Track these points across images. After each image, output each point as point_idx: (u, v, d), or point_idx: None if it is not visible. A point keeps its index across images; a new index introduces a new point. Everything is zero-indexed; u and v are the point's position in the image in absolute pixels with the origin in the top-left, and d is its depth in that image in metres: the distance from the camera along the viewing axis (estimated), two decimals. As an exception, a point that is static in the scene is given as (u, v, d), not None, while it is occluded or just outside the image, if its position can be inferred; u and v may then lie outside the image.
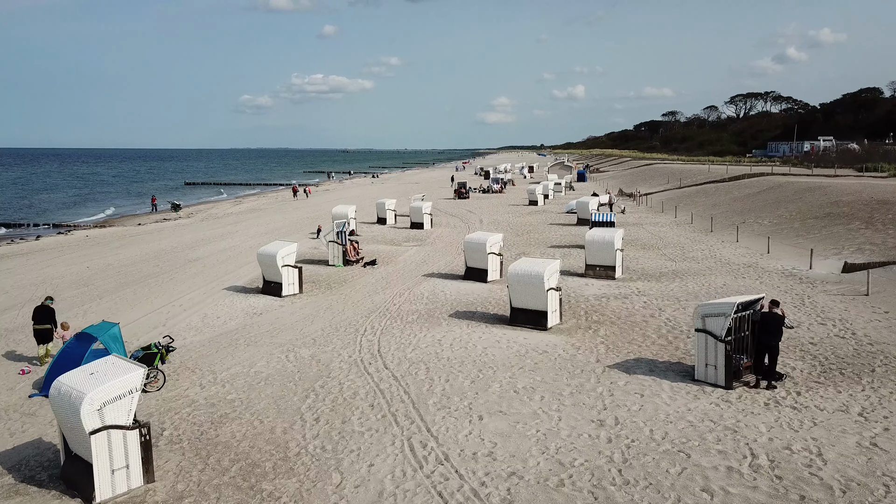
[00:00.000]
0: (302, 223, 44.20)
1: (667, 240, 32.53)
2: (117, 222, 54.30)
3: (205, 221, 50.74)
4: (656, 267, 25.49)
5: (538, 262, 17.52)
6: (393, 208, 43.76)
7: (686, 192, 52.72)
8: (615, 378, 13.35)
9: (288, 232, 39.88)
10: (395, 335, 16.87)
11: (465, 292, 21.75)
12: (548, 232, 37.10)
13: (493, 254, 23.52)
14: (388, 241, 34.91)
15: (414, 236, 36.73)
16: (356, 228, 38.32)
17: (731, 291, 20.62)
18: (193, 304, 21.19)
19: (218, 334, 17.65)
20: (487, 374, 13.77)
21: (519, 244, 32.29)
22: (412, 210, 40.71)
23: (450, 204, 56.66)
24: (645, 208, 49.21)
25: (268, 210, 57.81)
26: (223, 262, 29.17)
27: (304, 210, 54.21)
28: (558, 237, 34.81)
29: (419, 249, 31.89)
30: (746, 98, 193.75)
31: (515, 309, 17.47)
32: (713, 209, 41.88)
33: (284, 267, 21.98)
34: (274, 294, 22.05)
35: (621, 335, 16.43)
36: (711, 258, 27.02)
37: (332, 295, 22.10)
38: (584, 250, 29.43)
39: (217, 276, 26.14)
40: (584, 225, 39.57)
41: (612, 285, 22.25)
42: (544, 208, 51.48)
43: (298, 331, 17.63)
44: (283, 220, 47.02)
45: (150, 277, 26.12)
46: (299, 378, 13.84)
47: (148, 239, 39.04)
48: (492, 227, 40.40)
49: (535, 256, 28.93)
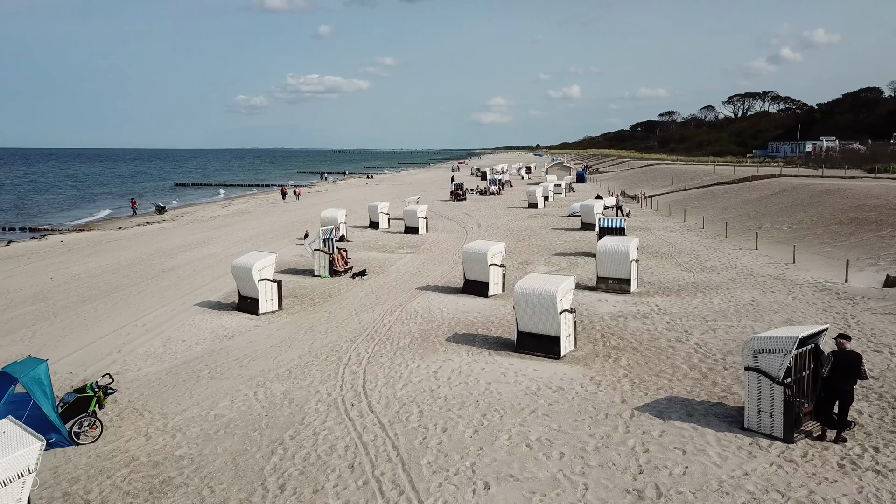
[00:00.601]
0: (290, 227, 41.81)
1: (679, 247, 30.26)
2: (98, 226, 51.80)
3: (189, 225, 48.31)
4: (673, 279, 23.21)
5: (549, 280, 15.22)
6: (386, 211, 41.43)
7: (693, 195, 50.49)
8: (648, 426, 11.04)
9: (274, 237, 37.52)
10: (384, 365, 14.53)
11: (465, 309, 19.42)
12: (550, 237, 34.79)
13: (494, 265, 21.20)
14: (380, 248, 32.57)
15: (408, 242, 34.41)
16: (346, 233, 36.00)
17: (764, 309, 18.35)
18: (158, 324, 18.80)
19: (179, 363, 15.29)
20: (493, 419, 11.45)
21: (521, 251, 29.99)
22: (406, 214, 38.39)
23: (446, 206, 54.35)
24: (650, 211, 46.97)
25: (256, 213, 55.39)
26: (200, 272, 26.78)
27: (294, 213, 51.81)
28: (562, 243, 32.51)
29: (413, 257, 29.56)
30: (744, 98, 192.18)
31: (523, 333, 15.16)
32: (725, 213, 39.64)
33: (261, 281, 19.63)
34: (250, 311, 19.69)
35: (646, 366, 14.13)
36: (732, 268, 24.76)
37: (314, 313, 19.74)
38: (592, 259, 27.21)
39: (190, 288, 23.76)
40: (588, 229, 37.32)
41: (627, 301, 19.95)
42: (545, 211, 49.22)
43: (272, 359, 15.27)
44: (271, 224, 44.62)
45: (116, 290, 23.72)
46: (267, 425, 11.50)
47: (125, 245, 36.60)
48: (490, 231, 38.12)
49: (539, 265, 26.67)
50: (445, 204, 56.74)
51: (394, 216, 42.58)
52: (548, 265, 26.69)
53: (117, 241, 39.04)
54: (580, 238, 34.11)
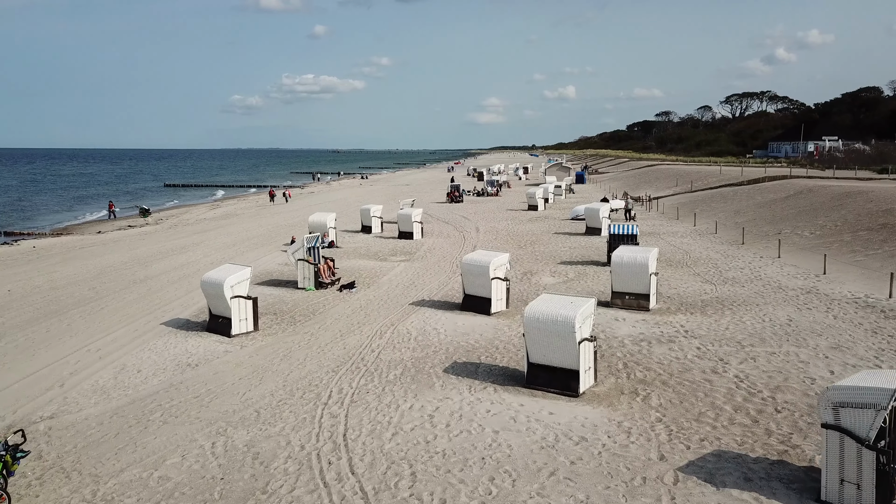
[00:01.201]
0: (277, 232, 39.48)
1: (694, 254, 28.04)
2: (77, 230, 49.38)
3: (172, 229, 45.95)
4: (694, 292, 20.98)
5: (565, 303, 12.94)
6: (379, 215, 39.13)
7: (700, 197, 48.31)
8: (699, 497, 8.79)
9: (260, 242, 35.20)
10: (371, 405, 12.25)
11: (464, 330, 17.14)
12: (554, 244, 32.54)
13: (497, 279, 18.93)
14: (371, 255, 30.27)
15: (402, 248, 32.12)
16: (336, 239, 33.70)
17: (805, 331, 16.13)
18: (115, 349, 16.48)
19: (130, 401, 12.98)
20: (503, 486, 9.18)
21: (523, 259, 27.73)
22: (400, 218, 36.10)
23: (442, 209, 52.08)
24: (657, 214, 44.75)
25: (243, 216, 53.04)
26: (174, 284, 24.46)
27: (283, 216, 49.45)
28: (568, 250, 30.25)
29: (407, 266, 27.28)
30: (742, 98, 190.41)
31: (535, 366, 12.91)
32: (738, 216, 37.46)
33: (234, 299, 17.31)
34: (221, 332, 17.39)
35: (682, 406, 11.88)
36: (756, 280, 22.54)
37: (294, 334, 17.43)
38: (601, 269, 25.00)
39: (160, 303, 21.44)
40: (593, 234, 35.12)
41: (648, 321, 17.69)
42: (546, 214, 46.97)
43: (240, 396, 12.98)
44: (258, 229, 42.29)
45: (78, 305, 21.39)
46: (220, 495, 9.21)
47: (99, 252, 34.23)
48: (489, 236, 35.87)
49: (545, 275, 24.43)
50: (442, 206, 54.49)
51: (388, 219, 40.34)
52: (554, 276, 24.44)
53: (92, 246, 36.66)
54: (586, 244, 31.87)
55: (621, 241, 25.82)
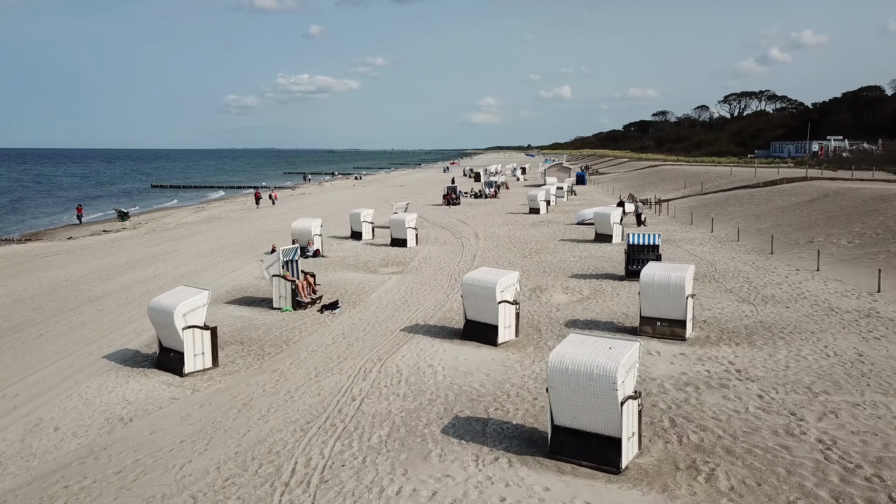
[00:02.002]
0: (259, 238, 36.42)
1: (721, 265, 25.07)
2: (48, 235, 46.17)
3: (149, 235, 42.84)
4: (733, 314, 17.99)
5: (602, 349, 9.91)
6: (370, 220, 36.06)
7: (713, 199, 45.37)
8: None
9: (238, 251, 32.11)
10: (346, 488, 9.20)
11: (467, 368, 14.12)
12: (562, 252, 29.53)
13: (505, 303, 15.91)
14: (360, 266, 27.22)
15: (394, 258, 29.09)
16: (322, 247, 30.64)
17: (885, 370, 13.14)
18: (37, 394, 13.41)
19: (28, 480, 9.92)
20: None
21: (530, 271, 24.73)
22: (392, 223, 33.04)
23: (438, 212, 49.05)
24: (667, 218, 41.79)
25: (228, 219, 49.92)
26: (131, 303, 21.37)
27: (268, 220, 46.34)
28: (578, 261, 27.24)
29: (400, 280, 24.25)
30: (740, 97, 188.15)
31: (562, 430, 9.89)
32: (759, 222, 34.53)
33: (188, 329, 14.27)
34: (172, 370, 14.35)
35: (762, 491, 8.87)
36: (800, 298, 19.58)
37: (260, 372, 14.39)
38: (619, 284, 22.03)
39: (111, 327, 18.38)
40: (604, 242, 32.15)
41: (688, 354, 14.69)
42: (549, 218, 43.97)
43: (175, 472, 9.92)
44: (239, 234, 39.19)
45: (14, 331, 18.31)
46: None
47: (59, 262, 31.10)
48: (490, 243, 32.87)
49: (556, 292, 21.43)
50: (437, 209, 51.47)
51: (381, 223, 37.31)
52: (567, 293, 21.42)
53: (56, 255, 33.51)
54: (598, 253, 28.88)
55: (641, 253, 22.88)
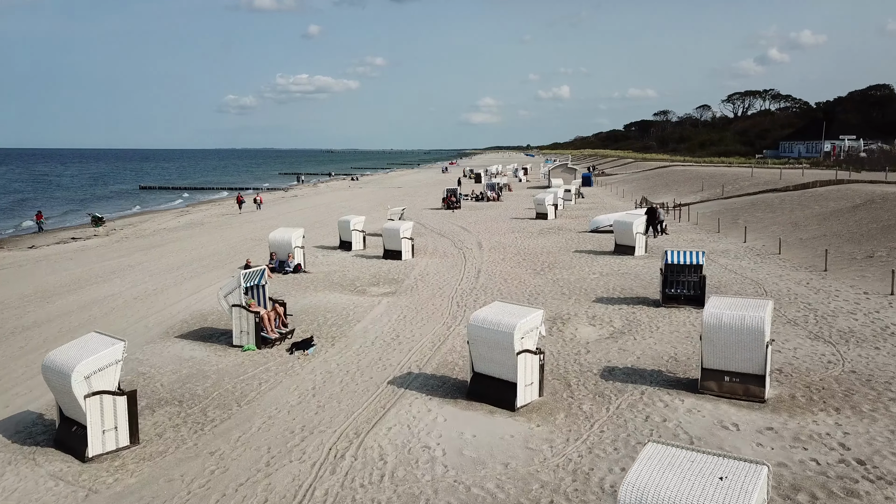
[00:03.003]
0: (238, 248, 32.56)
1: (769, 286, 21.20)
2: (8, 243, 42.18)
3: (120, 243, 38.96)
4: (812, 359, 14.12)
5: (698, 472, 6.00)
6: (360, 228, 32.15)
7: (738, 204, 41.49)
8: None
9: (211, 264, 28.24)
10: None
11: (477, 454, 10.19)
12: (580, 267, 25.65)
13: (527, 353, 12.02)
14: (346, 285, 23.34)
15: (386, 274, 25.22)
16: (304, 261, 26.75)
17: None
18: None
19: None
20: None
21: (545, 293, 20.86)
22: (386, 233, 29.12)
23: (437, 217, 45.18)
24: (689, 225, 37.91)
25: (209, 225, 46.00)
26: (63, 335, 17.42)
27: (250, 227, 42.42)
28: (601, 279, 23.36)
29: (391, 304, 20.37)
30: (744, 96, 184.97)
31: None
32: (798, 231, 30.66)
33: (93, 397, 10.40)
34: (74, 451, 10.47)
35: None
36: (887, 334, 15.71)
37: (194, 455, 10.48)
38: (656, 311, 18.14)
39: (19, 376, 14.49)
40: (625, 254, 28.29)
41: (778, 430, 10.76)
42: (558, 224, 40.10)
43: None
44: (217, 243, 35.31)
45: None
46: None
47: (3, 279, 27.20)
48: (495, 254, 29.02)
49: (581, 322, 17.58)
50: (437, 213, 47.61)
51: (374, 230, 33.46)
52: (594, 324, 17.53)
53: (3, 270, 29.58)
54: (621, 268, 25.01)
55: (681, 274, 19.03)
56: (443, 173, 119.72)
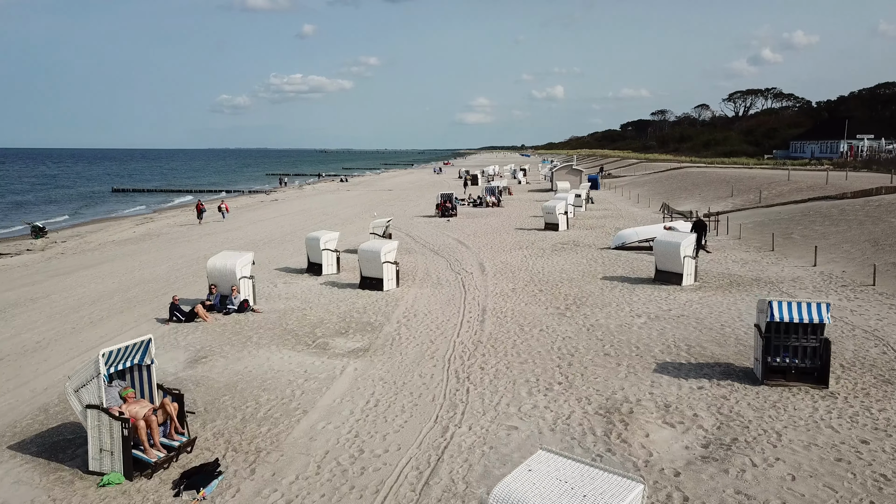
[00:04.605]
0: (178, 275, 26.13)
1: (894, 341, 14.92)
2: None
3: (51, 261, 32.48)
4: None
5: None
6: (333, 247, 25.76)
7: (783, 214, 35.22)
8: None
9: (133, 300, 21.82)
10: None
11: None
12: (617, 303, 19.29)
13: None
14: (301, 335, 16.93)
15: (360, 315, 18.84)
16: (254, 296, 20.36)
17: None
18: None
19: None
20: None
21: (580, 350, 14.52)
22: (363, 256, 22.64)
23: (430, 226, 38.84)
24: (731, 240, 31.59)
25: (164, 238, 39.45)
26: None
27: (209, 240, 35.89)
28: (651, 325, 16.98)
29: (360, 374, 13.97)
30: (745, 95, 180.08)
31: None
32: (885, 252, 24.37)
33: None
34: None
35: None
36: None
37: None
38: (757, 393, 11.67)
39: None
40: (670, 283, 22.01)
41: None
42: (573, 237, 33.80)
43: None
44: (155, 267, 28.84)
45: None
46: None
47: None
48: (503, 280, 22.75)
49: (650, 416, 11.26)
50: (430, 222, 41.26)
51: (352, 247, 27.08)
52: (668, 422, 11.15)
53: None
54: (673, 307, 18.65)
55: (793, 336, 12.68)
56: (436, 175, 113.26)
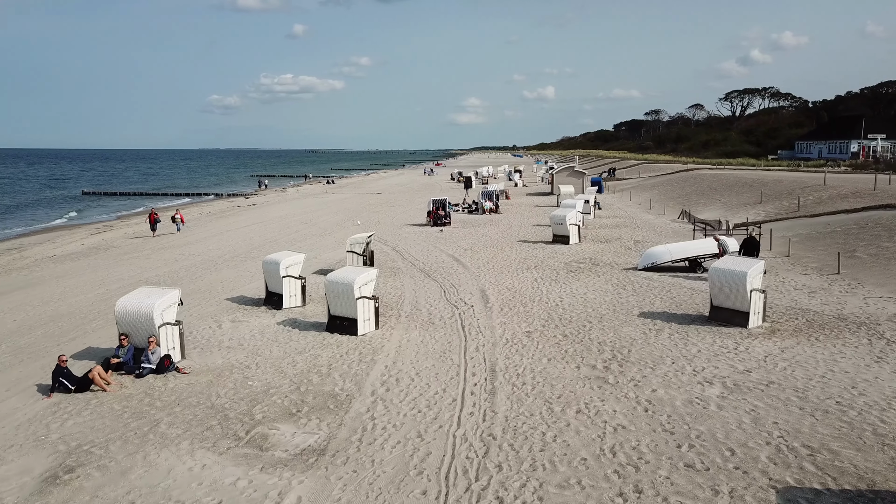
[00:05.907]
0: (95, 313, 20.67)
1: None
2: None
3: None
4: None
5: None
6: (296, 274, 20.37)
7: (833, 225, 30.08)
8: None
9: (27, 351, 16.41)
10: None
11: None
12: (674, 358, 14.07)
13: None
14: (234, 418, 11.58)
15: (323, 379, 13.54)
16: (181, 349, 14.98)
17: None
18: None
19: None
20: None
21: (648, 460, 9.27)
22: (330, 290, 17.20)
23: (420, 238, 33.55)
24: (777, 257, 26.41)
25: (112, 253, 33.90)
26: None
27: (159, 258, 30.39)
28: (730, 399, 11.74)
29: (306, 500, 8.68)
30: (742, 94, 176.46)
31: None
32: None
33: None
34: None
35: None
36: None
37: None
38: None
39: None
40: (732, 325, 16.77)
41: None
42: (588, 252, 28.59)
43: None
44: (87, 292, 23.40)
45: None
46: None
47: None
48: (513, 318, 17.53)
49: None
50: (420, 232, 35.96)
51: (327, 264, 21.73)
52: None
53: None
54: (748, 364, 13.43)
55: None
56: (427, 176, 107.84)
